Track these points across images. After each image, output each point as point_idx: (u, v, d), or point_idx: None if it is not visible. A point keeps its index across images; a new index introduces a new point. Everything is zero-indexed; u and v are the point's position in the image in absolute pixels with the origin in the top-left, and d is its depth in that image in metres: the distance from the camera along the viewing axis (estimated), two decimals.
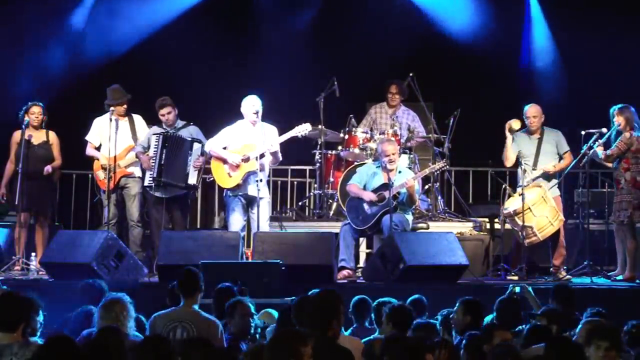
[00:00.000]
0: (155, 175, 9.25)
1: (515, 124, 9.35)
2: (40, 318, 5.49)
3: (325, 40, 12.06)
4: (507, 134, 9.35)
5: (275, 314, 6.43)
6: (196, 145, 9.37)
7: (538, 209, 9.00)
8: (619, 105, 8.99)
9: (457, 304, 6.03)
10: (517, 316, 6.13)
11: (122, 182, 9.54)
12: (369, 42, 12.11)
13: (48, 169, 9.48)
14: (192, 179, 9.36)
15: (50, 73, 11.54)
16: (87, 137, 9.70)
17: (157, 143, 9.34)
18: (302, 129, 9.09)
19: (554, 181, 9.33)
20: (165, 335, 5.65)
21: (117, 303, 5.57)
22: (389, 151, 9.05)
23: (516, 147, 9.40)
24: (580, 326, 5.37)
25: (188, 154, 9.34)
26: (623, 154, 8.90)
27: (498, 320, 6.03)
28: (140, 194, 9.55)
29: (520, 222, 8.96)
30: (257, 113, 9.04)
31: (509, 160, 9.42)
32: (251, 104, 9.10)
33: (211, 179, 9.61)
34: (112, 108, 9.37)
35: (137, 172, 9.56)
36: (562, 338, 5.11)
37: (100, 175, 9.57)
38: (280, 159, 9.18)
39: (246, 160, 8.97)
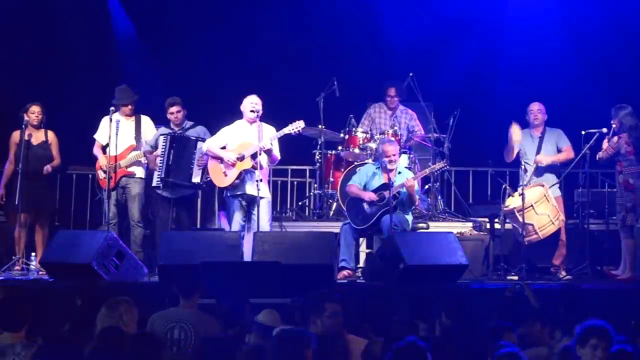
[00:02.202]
0: (163, 176, 9.28)
1: (517, 133, 9.32)
2: None
3: (325, 40, 12.06)
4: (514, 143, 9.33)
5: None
6: (199, 144, 9.39)
7: (540, 207, 9.01)
8: (616, 106, 9.00)
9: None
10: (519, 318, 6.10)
11: (123, 182, 9.55)
12: (369, 41, 12.12)
13: (47, 168, 9.49)
14: (196, 178, 9.39)
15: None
16: (95, 136, 9.71)
17: (164, 143, 9.38)
18: (296, 126, 9.08)
19: (555, 181, 9.34)
20: (163, 335, 5.65)
21: (122, 304, 5.57)
22: (389, 152, 9.06)
23: (518, 144, 9.42)
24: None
25: (193, 153, 9.37)
26: (612, 157, 8.93)
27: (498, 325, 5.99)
28: (142, 194, 9.56)
29: (521, 220, 8.97)
30: (256, 112, 9.04)
31: (511, 153, 9.39)
32: (251, 103, 9.12)
33: (208, 178, 9.61)
34: (112, 108, 9.38)
35: (138, 172, 9.57)
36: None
37: (101, 174, 9.59)
38: (278, 158, 9.16)
39: (241, 158, 8.97)
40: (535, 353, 5.36)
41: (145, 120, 9.73)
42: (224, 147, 9.15)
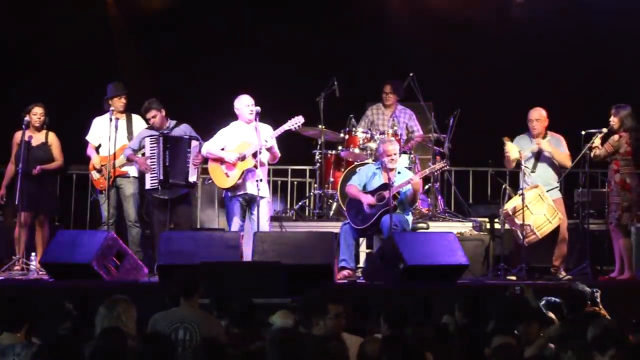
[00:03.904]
0: (162, 178, 9.25)
1: (514, 152, 9.30)
2: None
3: (325, 39, 12.05)
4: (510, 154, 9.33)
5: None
6: (194, 143, 9.37)
7: (535, 207, 9.01)
8: (616, 105, 9.00)
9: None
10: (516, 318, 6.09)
11: (117, 182, 9.53)
12: (369, 41, 12.12)
13: (37, 169, 9.43)
14: (193, 177, 9.37)
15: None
16: (87, 137, 9.71)
17: (154, 145, 9.32)
18: (295, 122, 9.08)
19: (555, 184, 9.34)
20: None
21: (120, 303, 5.55)
22: (390, 151, 9.06)
23: (518, 147, 9.41)
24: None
25: (187, 152, 9.34)
26: (610, 155, 8.92)
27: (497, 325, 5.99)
28: (136, 194, 9.55)
29: (518, 221, 8.97)
30: (253, 112, 9.03)
31: (510, 164, 9.42)
32: (247, 105, 9.11)
33: (210, 181, 9.61)
34: (112, 108, 9.37)
35: (131, 171, 9.55)
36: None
37: (95, 175, 9.58)
38: (278, 155, 9.15)
39: (242, 158, 8.97)
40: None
41: (137, 119, 9.72)
42: (223, 149, 9.13)
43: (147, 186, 9.37)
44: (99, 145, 9.62)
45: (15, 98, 10.45)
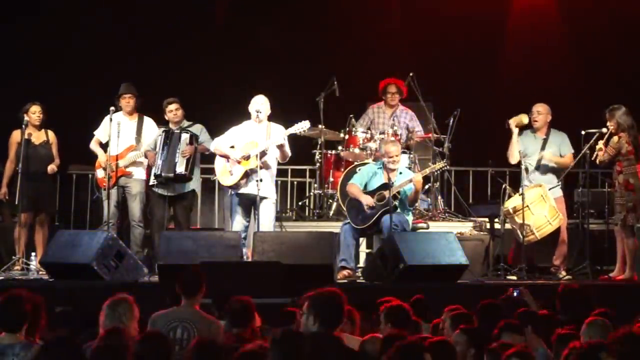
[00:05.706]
0: (157, 173, 9.30)
1: (524, 118, 9.36)
2: None
3: (325, 39, 12.06)
4: (514, 129, 9.35)
5: None
6: (184, 136, 9.37)
7: (536, 207, 9.02)
8: (610, 107, 9.00)
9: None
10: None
11: (122, 181, 9.54)
12: (369, 41, 12.12)
13: (52, 168, 9.50)
14: (180, 168, 9.30)
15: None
16: (95, 132, 9.70)
17: (159, 141, 9.39)
18: (302, 126, 9.07)
19: (556, 182, 9.35)
20: (166, 334, 5.63)
21: (122, 303, 5.55)
22: (392, 152, 9.05)
23: (521, 144, 9.42)
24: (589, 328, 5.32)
25: (177, 144, 9.35)
26: (613, 157, 8.93)
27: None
28: (142, 193, 9.56)
29: (519, 221, 8.98)
30: (258, 112, 9.04)
31: (514, 157, 9.41)
32: (254, 103, 9.13)
33: (214, 178, 9.61)
34: (111, 108, 9.37)
35: (137, 172, 9.56)
36: None
37: (100, 173, 9.60)
38: (289, 154, 9.13)
39: (246, 157, 8.97)
40: None
41: (148, 122, 9.72)
42: (232, 147, 9.14)
43: (150, 182, 9.43)
44: (107, 143, 9.54)
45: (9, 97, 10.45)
